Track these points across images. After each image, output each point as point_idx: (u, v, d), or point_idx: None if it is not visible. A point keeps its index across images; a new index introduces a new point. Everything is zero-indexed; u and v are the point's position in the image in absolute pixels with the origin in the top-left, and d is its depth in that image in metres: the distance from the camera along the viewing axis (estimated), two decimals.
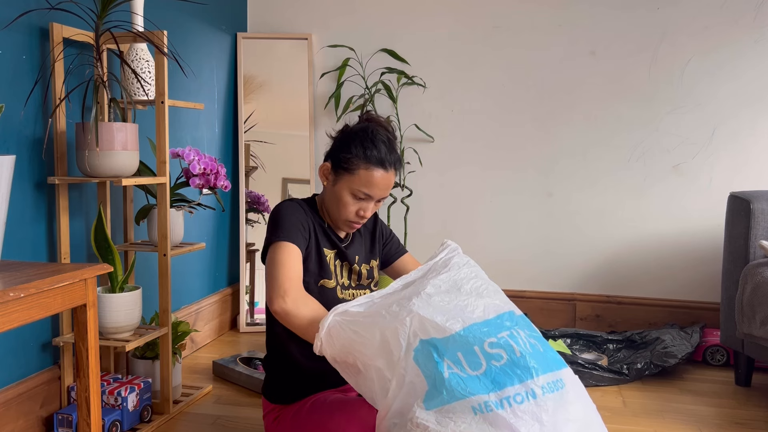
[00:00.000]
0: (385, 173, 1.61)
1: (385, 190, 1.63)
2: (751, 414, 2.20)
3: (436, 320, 1.30)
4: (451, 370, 1.26)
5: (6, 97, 1.77)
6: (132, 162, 1.92)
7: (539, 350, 1.31)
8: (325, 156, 1.70)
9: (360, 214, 1.64)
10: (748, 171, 2.86)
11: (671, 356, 2.47)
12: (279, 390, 1.69)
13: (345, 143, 1.64)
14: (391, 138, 1.66)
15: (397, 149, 1.66)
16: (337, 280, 1.68)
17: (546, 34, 2.98)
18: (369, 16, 3.13)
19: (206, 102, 2.84)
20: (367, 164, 1.60)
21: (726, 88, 2.85)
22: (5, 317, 1.25)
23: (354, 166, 1.60)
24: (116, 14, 2.00)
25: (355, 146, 1.61)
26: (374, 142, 1.61)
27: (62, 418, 1.87)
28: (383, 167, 1.60)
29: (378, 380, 1.32)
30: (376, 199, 1.64)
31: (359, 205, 1.63)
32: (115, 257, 1.92)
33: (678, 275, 2.95)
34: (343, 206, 1.63)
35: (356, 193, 1.61)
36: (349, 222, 1.66)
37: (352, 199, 1.62)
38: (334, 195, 1.65)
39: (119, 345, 1.90)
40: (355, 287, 1.73)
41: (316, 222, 1.68)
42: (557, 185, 3.02)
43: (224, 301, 3.02)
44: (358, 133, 1.63)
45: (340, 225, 1.69)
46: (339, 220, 1.67)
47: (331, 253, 1.69)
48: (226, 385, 2.39)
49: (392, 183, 1.65)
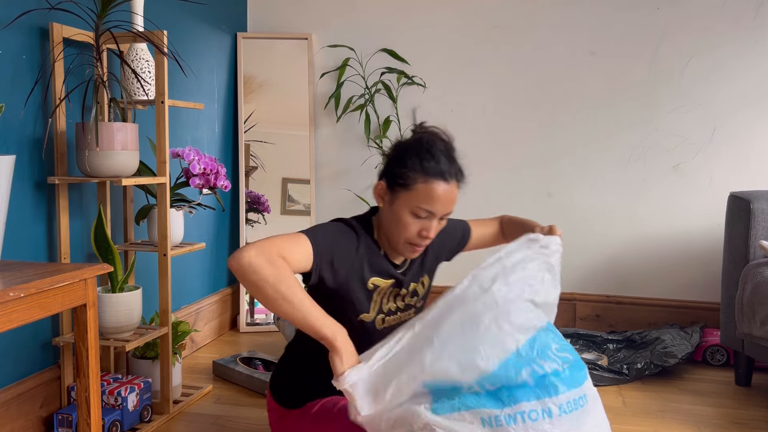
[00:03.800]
0: (446, 186, 1.47)
1: (448, 205, 1.49)
2: (751, 414, 2.20)
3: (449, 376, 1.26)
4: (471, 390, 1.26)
5: (6, 97, 1.77)
6: (132, 162, 1.92)
7: (568, 364, 1.28)
8: (379, 175, 1.57)
9: (423, 234, 1.50)
10: (748, 171, 2.86)
11: (671, 356, 2.47)
12: (289, 394, 1.63)
13: (399, 157, 1.51)
14: (450, 148, 1.53)
15: (458, 159, 1.53)
16: (380, 309, 1.57)
17: (546, 34, 2.98)
18: (369, 15, 3.13)
19: (206, 102, 2.84)
20: (426, 177, 1.46)
21: (726, 87, 2.85)
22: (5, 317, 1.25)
23: (411, 180, 1.47)
24: (116, 14, 2.00)
25: (410, 159, 1.48)
26: (432, 152, 1.48)
27: (62, 418, 1.87)
28: (444, 179, 1.47)
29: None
30: (439, 216, 1.50)
31: (421, 225, 1.49)
32: (115, 257, 1.92)
33: (678, 275, 2.95)
34: (404, 227, 1.49)
35: (416, 211, 1.48)
36: (410, 245, 1.52)
37: (412, 218, 1.48)
38: (393, 216, 1.51)
39: (119, 345, 1.90)
40: (403, 309, 1.63)
41: (368, 250, 1.54)
42: (557, 185, 3.02)
43: (224, 301, 3.02)
44: (413, 145, 1.51)
45: (400, 249, 1.54)
46: (399, 243, 1.53)
47: (383, 283, 1.56)
48: (226, 385, 2.39)
49: (455, 197, 1.51)
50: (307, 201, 3.15)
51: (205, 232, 2.85)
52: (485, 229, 1.87)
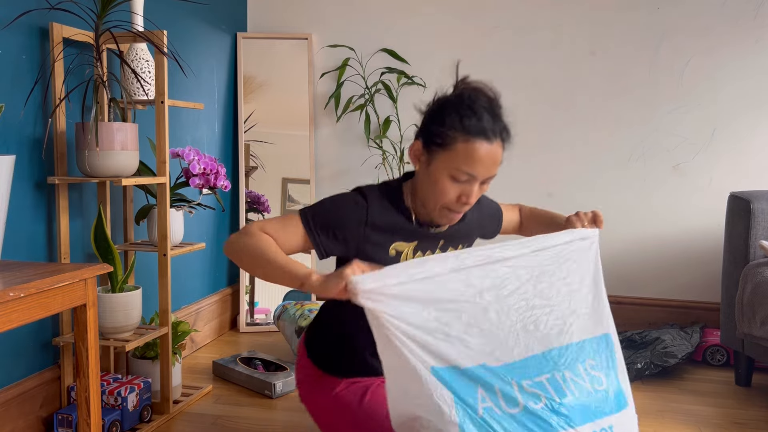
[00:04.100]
0: (489, 146, 1.33)
1: (491, 167, 1.36)
2: (751, 414, 2.19)
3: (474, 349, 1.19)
4: (485, 404, 1.19)
5: (6, 97, 1.77)
6: (132, 162, 1.91)
7: (586, 394, 1.23)
8: (415, 134, 1.45)
9: (462, 200, 1.37)
10: (748, 171, 2.86)
11: (671, 356, 2.47)
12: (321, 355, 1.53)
13: (438, 114, 1.37)
14: (495, 104, 1.40)
15: (503, 117, 1.39)
16: None
17: (546, 34, 2.98)
18: (369, 16, 3.13)
19: (206, 102, 2.84)
20: (467, 136, 1.32)
21: (726, 87, 2.85)
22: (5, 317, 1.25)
23: (450, 140, 1.33)
24: (116, 14, 2.00)
25: (450, 116, 1.35)
26: (473, 109, 1.35)
27: (62, 418, 1.87)
28: (486, 138, 1.33)
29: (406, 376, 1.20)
30: (481, 180, 1.37)
31: (461, 189, 1.36)
32: (115, 257, 1.92)
33: (678, 275, 2.95)
34: (441, 192, 1.36)
35: (455, 173, 1.34)
36: (448, 210, 1.39)
37: (451, 182, 1.35)
38: (429, 178, 1.37)
39: (119, 345, 1.90)
40: None
41: (383, 216, 1.42)
42: (557, 185, 3.02)
43: (224, 301, 3.02)
44: (453, 101, 1.37)
45: (436, 215, 1.41)
46: (435, 209, 1.40)
47: (408, 246, 1.44)
48: (226, 385, 2.39)
49: (499, 158, 1.37)
50: (307, 201, 3.15)
51: (205, 232, 2.85)
52: (510, 215, 1.74)
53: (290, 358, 2.63)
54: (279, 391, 2.26)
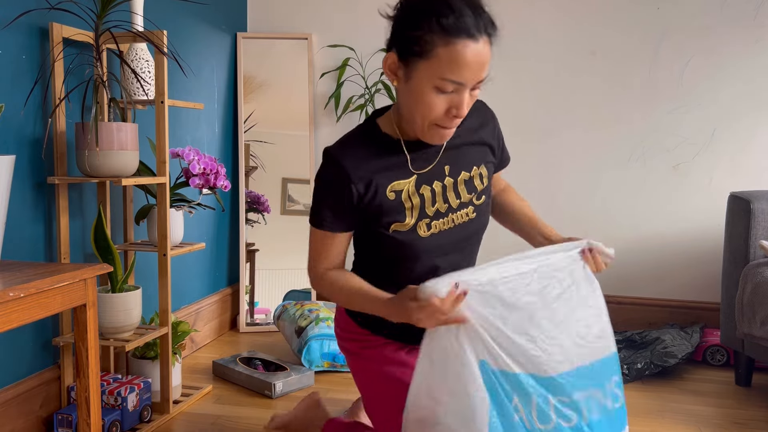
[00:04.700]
0: (475, 45, 1.17)
1: (479, 70, 1.18)
2: (751, 414, 2.19)
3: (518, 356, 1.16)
4: (518, 415, 1.16)
5: (6, 97, 1.77)
6: (132, 162, 1.91)
7: (607, 412, 1.22)
8: (387, 45, 1.28)
9: (452, 113, 1.21)
10: (748, 171, 2.86)
11: (671, 356, 2.47)
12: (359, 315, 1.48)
13: (410, 17, 1.20)
14: None
15: (485, 7, 1.22)
16: (421, 213, 1.31)
17: (546, 34, 2.98)
18: (369, 16, 3.13)
19: (206, 102, 2.84)
20: (447, 38, 1.15)
21: (726, 87, 2.85)
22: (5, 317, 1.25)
23: (429, 45, 1.16)
24: (116, 14, 2.00)
25: (424, 17, 1.17)
26: (450, 4, 1.16)
27: (62, 418, 1.87)
28: (471, 37, 1.16)
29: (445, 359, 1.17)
30: (470, 86, 1.20)
31: (449, 100, 1.20)
32: (115, 257, 1.92)
33: (678, 275, 2.95)
34: (427, 107, 1.20)
35: (440, 83, 1.18)
36: (438, 126, 1.23)
37: (436, 94, 1.19)
38: (411, 94, 1.21)
39: (119, 345, 1.90)
40: (456, 209, 1.34)
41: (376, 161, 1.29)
42: (557, 185, 3.02)
43: (224, 301, 3.02)
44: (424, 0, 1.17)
45: (426, 135, 1.26)
46: (423, 128, 1.24)
47: (406, 184, 1.31)
48: (226, 385, 2.39)
49: (488, 58, 1.20)
50: (307, 201, 3.15)
51: (205, 232, 2.85)
52: (497, 182, 1.62)
53: (290, 358, 2.63)
54: (279, 391, 2.26)
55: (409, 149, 1.33)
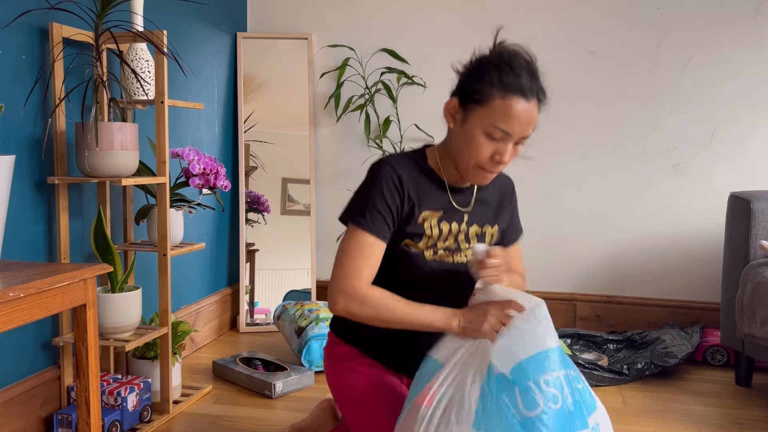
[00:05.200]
0: (526, 104, 1.35)
1: (527, 126, 1.37)
2: (751, 414, 2.19)
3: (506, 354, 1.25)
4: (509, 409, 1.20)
5: (6, 97, 1.77)
6: (132, 162, 1.91)
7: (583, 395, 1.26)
8: (451, 93, 1.47)
9: (496, 159, 1.38)
10: (748, 171, 2.86)
11: (671, 356, 2.47)
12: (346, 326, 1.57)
13: (476, 71, 1.40)
14: (532, 64, 1.42)
15: (540, 78, 1.42)
16: (435, 243, 1.47)
17: (546, 34, 2.98)
18: (369, 16, 3.13)
19: (206, 102, 2.84)
20: (504, 92, 1.35)
21: (726, 87, 2.85)
22: (5, 317, 1.25)
23: (487, 96, 1.35)
24: (116, 14, 2.00)
25: (488, 73, 1.37)
26: (512, 66, 1.37)
27: (62, 418, 1.87)
28: (524, 96, 1.35)
29: None
30: (516, 139, 1.38)
31: (495, 147, 1.38)
32: (115, 257, 1.92)
33: (678, 275, 2.95)
34: (476, 148, 1.37)
35: (491, 130, 1.36)
36: (481, 169, 1.41)
37: (485, 139, 1.37)
38: (464, 136, 1.39)
39: (119, 345, 1.90)
40: (461, 251, 1.50)
41: (423, 183, 1.45)
42: (557, 186, 3.02)
43: (224, 301, 3.02)
44: (492, 59, 1.40)
45: (469, 174, 1.43)
46: (468, 167, 1.41)
47: (434, 215, 1.47)
48: (226, 385, 2.38)
49: (535, 117, 1.38)
50: (307, 201, 3.15)
51: (205, 232, 2.85)
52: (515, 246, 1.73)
53: (290, 358, 2.63)
54: (279, 391, 2.26)
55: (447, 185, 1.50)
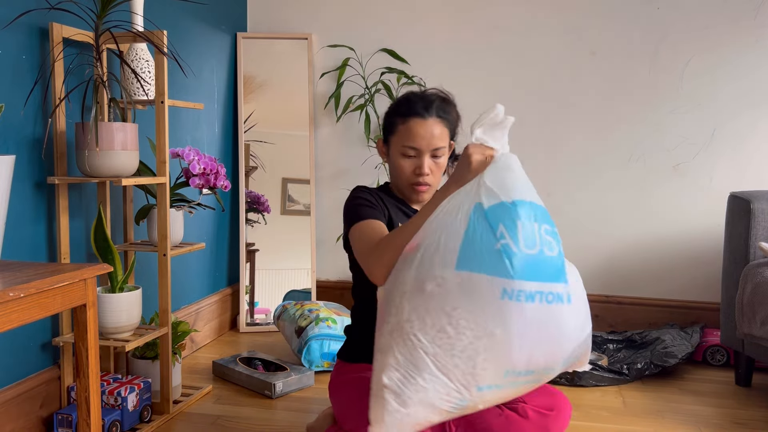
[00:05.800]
0: (423, 121, 1.61)
1: (429, 139, 1.61)
2: (751, 414, 2.19)
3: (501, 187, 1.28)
4: (503, 241, 1.20)
5: (6, 97, 1.77)
6: (132, 162, 1.91)
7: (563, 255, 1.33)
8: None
9: (417, 172, 1.64)
10: (748, 171, 2.86)
11: (671, 356, 2.47)
12: (349, 349, 1.74)
13: (387, 116, 1.71)
14: (429, 94, 1.67)
15: (437, 101, 1.65)
16: None
17: (546, 34, 2.98)
18: (369, 16, 3.13)
19: (206, 102, 2.84)
20: (403, 118, 1.63)
21: (726, 87, 2.85)
22: (5, 317, 1.25)
23: (394, 126, 1.65)
24: (116, 14, 2.00)
25: (393, 111, 1.68)
26: (408, 99, 1.66)
27: (62, 418, 1.87)
28: (419, 115, 1.61)
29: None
30: (427, 153, 1.63)
31: (413, 163, 1.64)
32: (115, 257, 1.92)
33: (678, 275, 2.95)
34: (400, 169, 1.65)
35: (404, 150, 1.63)
36: (412, 186, 1.66)
37: (403, 159, 1.64)
38: (392, 163, 1.68)
39: (119, 345, 1.90)
40: None
41: (391, 202, 1.69)
42: (557, 186, 3.02)
43: (224, 301, 3.02)
44: (395, 103, 1.71)
45: (408, 194, 1.70)
46: (405, 188, 1.69)
47: (399, 220, 1.70)
48: (226, 385, 2.39)
49: (436, 130, 1.62)
50: (307, 201, 3.15)
51: (205, 232, 2.85)
52: None
53: (290, 358, 2.63)
54: (279, 391, 2.26)
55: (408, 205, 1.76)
